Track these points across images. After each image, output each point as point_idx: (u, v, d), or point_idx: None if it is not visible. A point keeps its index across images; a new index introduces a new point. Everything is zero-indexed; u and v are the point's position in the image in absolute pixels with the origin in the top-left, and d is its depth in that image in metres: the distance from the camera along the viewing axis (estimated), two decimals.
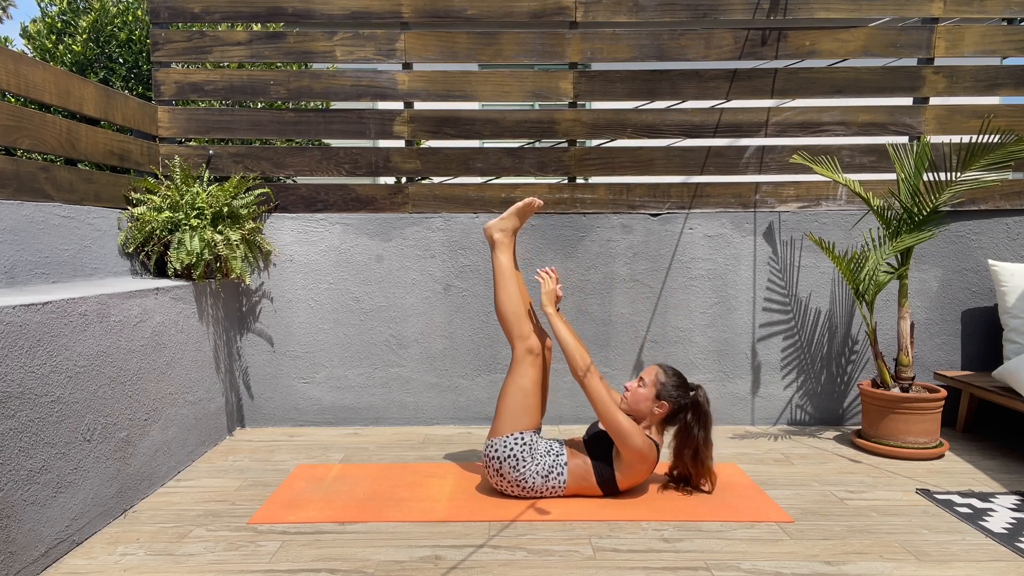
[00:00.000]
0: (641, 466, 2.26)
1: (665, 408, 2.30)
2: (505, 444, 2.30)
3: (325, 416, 3.30)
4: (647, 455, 2.25)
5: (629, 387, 2.37)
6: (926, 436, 2.78)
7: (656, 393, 2.30)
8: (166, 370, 2.54)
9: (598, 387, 2.25)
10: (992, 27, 3.16)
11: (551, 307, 2.38)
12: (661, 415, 2.31)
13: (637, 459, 2.25)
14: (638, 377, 2.37)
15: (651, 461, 2.28)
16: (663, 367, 2.36)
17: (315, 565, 1.89)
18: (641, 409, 2.31)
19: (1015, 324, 3.00)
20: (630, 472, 2.28)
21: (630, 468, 2.27)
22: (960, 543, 2.02)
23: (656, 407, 2.30)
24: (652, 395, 2.30)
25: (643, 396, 2.31)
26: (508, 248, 2.48)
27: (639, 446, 2.22)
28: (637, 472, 2.28)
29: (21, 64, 2.33)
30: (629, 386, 2.37)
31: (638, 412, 2.32)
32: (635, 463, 2.26)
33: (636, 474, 2.29)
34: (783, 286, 3.28)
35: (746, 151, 3.27)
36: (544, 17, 3.20)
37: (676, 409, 2.31)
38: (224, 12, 3.19)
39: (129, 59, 4.49)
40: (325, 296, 3.26)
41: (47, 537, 1.87)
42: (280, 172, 3.33)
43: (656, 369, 2.35)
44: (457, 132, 3.27)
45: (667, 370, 2.35)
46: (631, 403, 2.33)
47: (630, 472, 2.28)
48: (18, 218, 2.25)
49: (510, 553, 1.96)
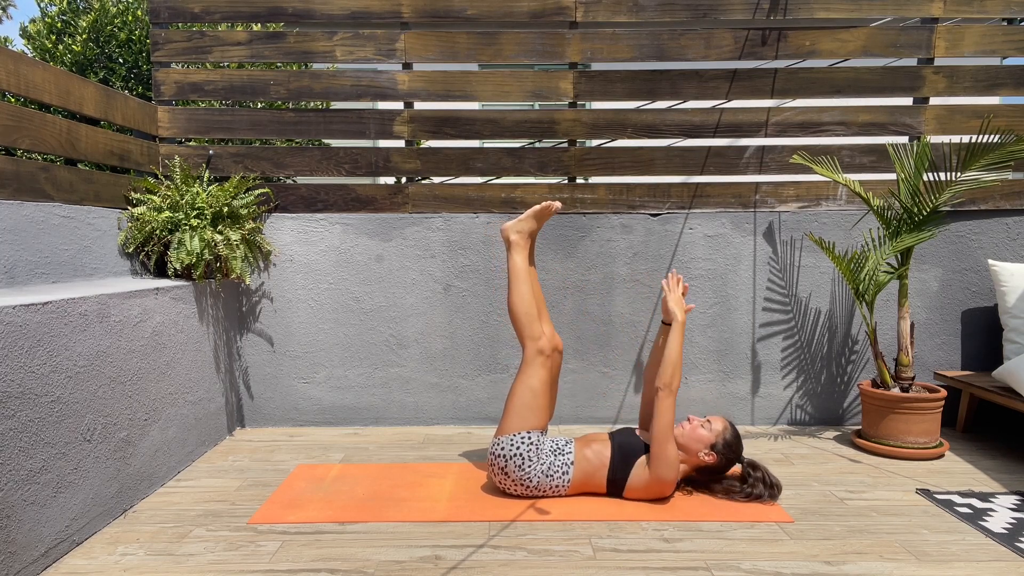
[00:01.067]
0: (656, 490, 2.28)
1: (712, 459, 2.32)
2: (512, 443, 2.31)
3: (325, 416, 3.30)
4: (669, 487, 2.28)
5: (692, 421, 2.37)
6: (926, 436, 2.78)
7: (713, 443, 2.32)
8: (166, 370, 2.54)
9: (671, 407, 2.25)
10: (992, 27, 3.16)
11: (682, 314, 2.37)
12: (705, 464, 2.33)
13: (659, 488, 2.27)
14: (707, 418, 2.38)
15: (668, 493, 2.31)
16: (732, 424, 2.38)
17: (315, 565, 1.89)
18: (691, 448, 2.32)
19: (1015, 324, 3.00)
20: (642, 490, 2.30)
21: (644, 488, 2.29)
22: (960, 543, 2.02)
23: (706, 455, 2.31)
24: (710, 443, 2.32)
25: (702, 438, 2.32)
26: (524, 249, 2.49)
27: (670, 479, 2.25)
28: (648, 493, 2.30)
29: (21, 64, 2.33)
30: (692, 420, 2.37)
31: (686, 447, 2.33)
32: (655, 488, 2.28)
33: (646, 493, 2.30)
34: (783, 286, 3.28)
35: (746, 151, 3.27)
36: (544, 17, 3.20)
37: (718, 467, 2.34)
38: (224, 12, 3.19)
39: (129, 59, 4.49)
40: (325, 296, 3.26)
41: (47, 537, 1.87)
42: (280, 172, 3.33)
43: (725, 422, 2.36)
44: (457, 132, 3.27)
45: (734, 429, 2.37)
46: (687, 436, 2.33)
47: (642, 490, 2.30)
48: (18, 218, 2.25)
49: (510, 553, 1.96)
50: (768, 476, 2.36)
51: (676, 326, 2.34)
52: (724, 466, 2.35)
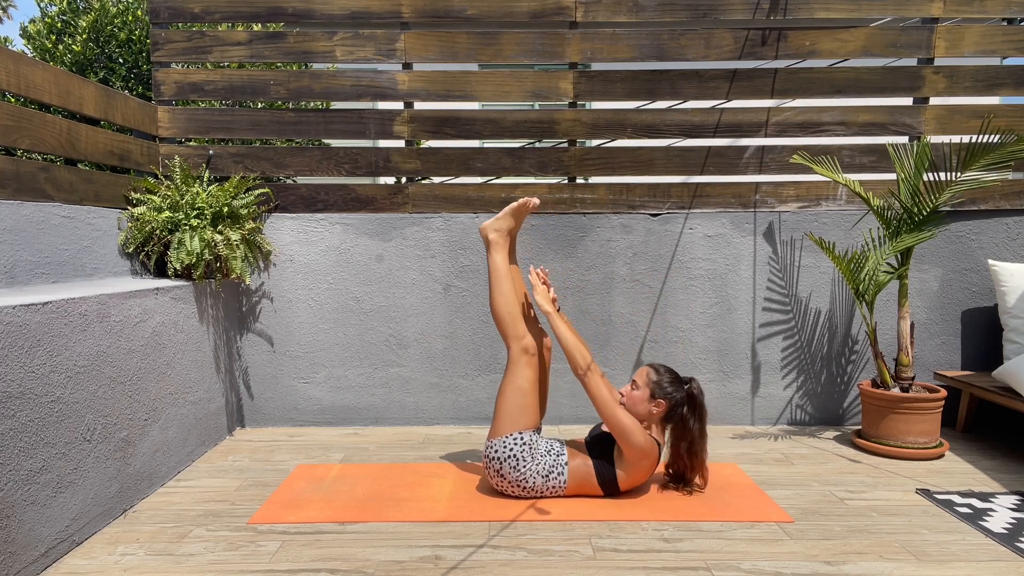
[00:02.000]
0: (644, 462, 2.27)
1: (663, 406, 2.30)
2: (505, 444, 2.30)
3: (325, 416, 3.30)
4: (649, 452, 2.25)
5: (624, 392, 2.37)
6: (926, 436, 2.78)
7: (651, 392, 2.31)
8: (166, 370, 2.54)
9: (599, 385, 2.25)
10: (992, 27, 3.16)
11: (549, 306, 2.37)
12: (660, 414, 2.32)
13: (639, 456, 2.25)
14: (631, 381, 2.38)
15: (653, 459, 2.28)
16: (653, 366, 2.36)
17: (315, 565, 1.89)
18: (639, 411, 2.32)
19: (1015, 324, 3.00)
20: (632, 471, 2.28)
21: (632, 467, 2.27)
22: (960, 543, 2.02)
23: (653, 406, 2.30)
24: (647, 395, 2.31)
25: (639, 398, 2.32)
26: (503, 248, 2.47)
27: (641, 443, 2.23)
28: (639, 470, 2.28)
29: (21, 64, 2.33)
30: (624, 391, 2.37)
31: (637, 414, 2.32)
32: (637, 460, 2.26)
33: (638, 472, 2.29)
34: (783, 286, 3.28)
35: (746, 151, 3.27)
36: (544, 17, 3.20)
37: (673, 404, 2.32)
38: (224, 12, 3.19)
39: (129, 59, 4.49)
40: (325, 296, 3.26)
41: (47, 537, 1.87)
42: (280, 172, 3.33)
43: (647, 369, 2.35)
44: (457, 132, 3.27)
45: (658, 368, 2.35)
46: (628, 407, 2.33)
47: (632, 471, 2.28)
48: (18, 218, 2.25)
49: (510, 553, 1.96)
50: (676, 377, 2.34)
51: (551, 319, 2.33)
52: (678, 400, 2.31)
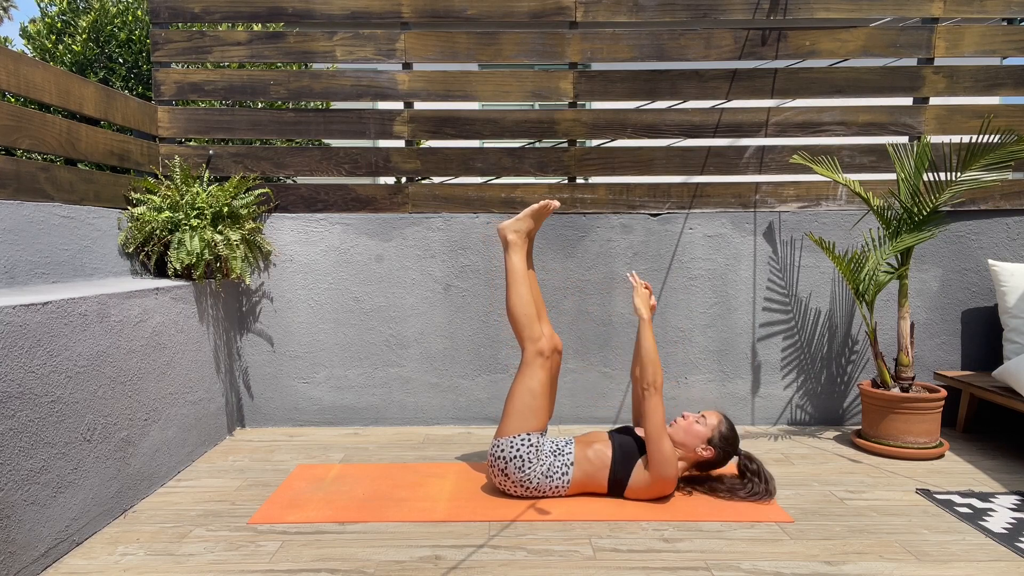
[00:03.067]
0: (657, 489, 2.28)
1: (710, 453, 2.32)
2: (512, 445, 2.31)
3: (325, 416, 3.30)
4: (670, 485, 2.28)
5: (687, 417, 2.37)
6: (926, 436, 2.78)
7: (711, 438, 2.32)
8: (166, 370, 2.54)
9: (660, 405, 2.24)
10: (992, 27, 3.16)
11: (647, 312, 2.37)
12: (703, 459, 2.33)
13: (660, 486, 2.27)
14: (700, 413, 2.39)
15: (669, 491, 2.31)
16: (726, 417, 2.38)
17: (315, 565, 1.89)
18: (688, 443, 2.32)
19: (1015, 324, 3.00)
20: (643, 489, 2.29)
21: (647, 487, 2.28)
22: (960, 543, 2.02)
23: (703, 450, 2.32)
24: (706, 437, 2.32)
25: (698, 434, 2.32)
26: (521, 249, 2.47)
27: (670, 476, 2.25)
28: (651, 492, 2.30)
29: (21, 64, 2.33)
30: (687, 416, 2.37)
31: (683, 444, 2.33)
32: (655, 486, 2.27)
33: (648, 493, 2.30)
34: (783, 286, 3.28)
35: (746, 151, 3.27)
36: (544, 17, 3.20)
37: (717, 460, 2.35)
38: (224, 12, 3.19)
39: (129, 59, 4.49)
40: (325, 296, 3.26)
41: (47, 537, 1.87)
42: (280, 172, 3.33)
43: (720, 417, 2.37)
44: (457, 132, 3.27)
45: (729, 422, 2.38)
46: (682, 432, 2.34)
47: (643, 489, 2.29)
48: (18, 218, 2.25)
49: (510, 553, 1.96)
50: (763, 470, 2.37)
51: (643, 324, 2.34)
52: (722, 459, 2.35)
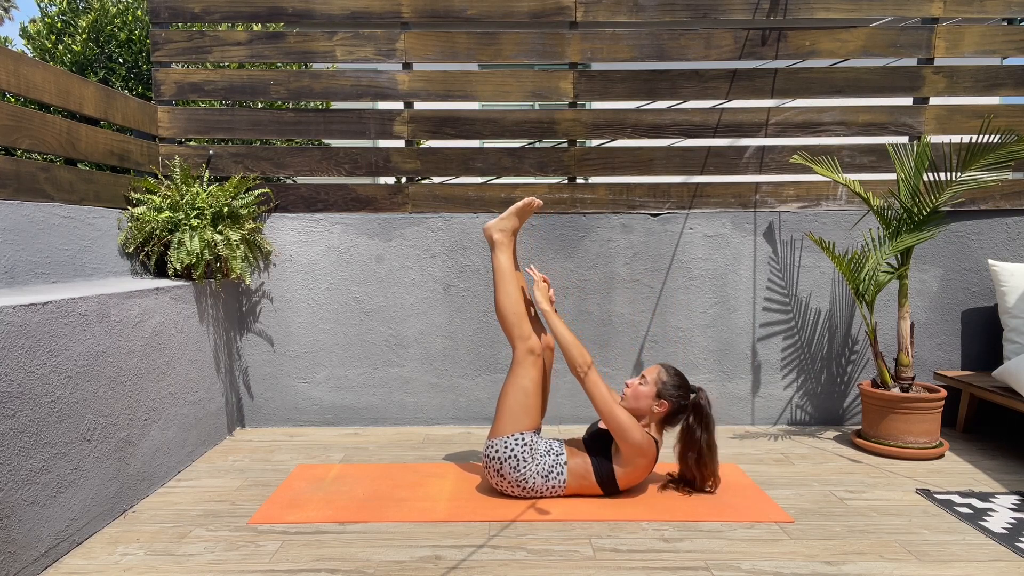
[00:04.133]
0: (640, 460, 2.27)
1: (665, 407, 2.30)
2: (505, 444, 2.30)
3: (325, 416, 3.30)
4: (646, 450, 2.25)
5: (630, 384, 2.37)
6: (926, 436, 2.78)
7: (657, 392, 2.31)
8: (166, 370, 2.54)
9: (597, 383, 2.26)
10: (992, 27, 3.16)
11: (547, 304, 2.38)
12: (661, 414, 2.32)
13: (636, 453, 2.25)
14: (640, 375, 2.38)
15: (650, 456, 2.28)
16: (665, 366, 2.37)
17: (315, 565, 1.89)
18: (641, 407, 2.32)
19: (1015, 324, 3.00)
20: (630, 468, 2.28)
21: (629, 464, 2.27)
22: (960, 543, 2.02)
23: (656, 405, 2.31)
24: (653, 393, 2.31)
25: (644, 393, 2.32)
26: (508, 248, 2.48)
27: (638, 440, 2.23)
28: (637, 468, 2.28)
29: (21, 64, 2.33)
30: (630, 383, 2.38)
31: (638, 410, 2.33)
32: (634, 458, 2.26)
33: (636, 470, 2.29)
34: (783, 286, 3.28)
35: (746, 151, 3.27)
36: (544, 17, 3.20)
37: (676, 409, 2.32)
38: (224, 12, 3.19)
39: (129, 59, 4.49)
40: (325, 296, 3.26)
41: (47, 537, 1.87)
42: (280, 172, 3.33)
43: (658, 368, 2.36)
44: (457, 132, 3.27)
45: (669, 370, 2.36)
46: (631, 400, 2.34)
47: (630, 468, 2.28)
48: (18, 218, 2.25)
49: (510, 553, 1.96)
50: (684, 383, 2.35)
51: (547, 316, 2.35)
52: (680, 404, 2.33)
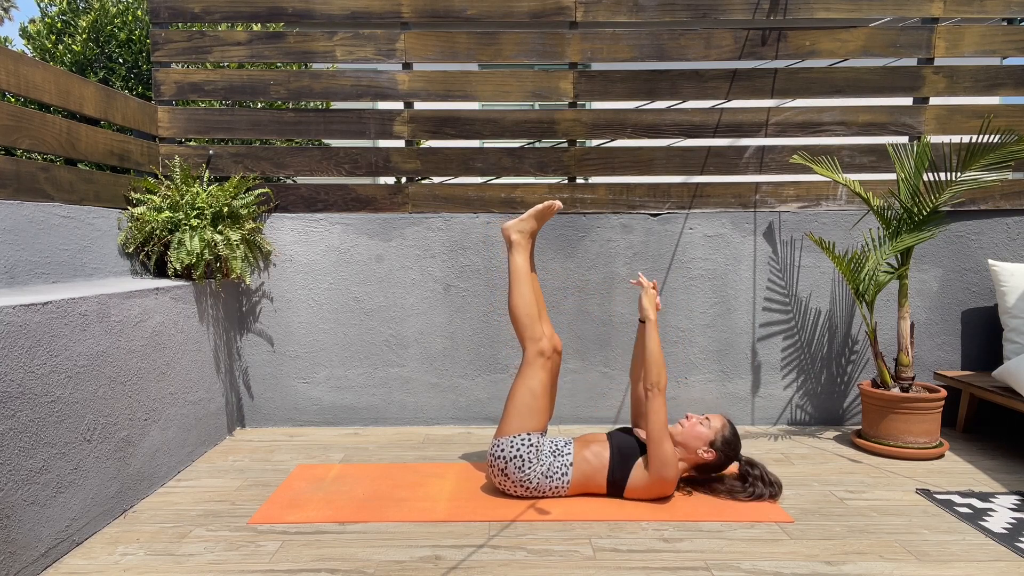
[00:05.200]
0: (657, 489, 2.28)
1: (711, 456, 2.31)
2: (512, 444, 2.31)
3: (325, 416, 3.30)
4: (669, 486, 2.27)
5: (691, 418, 2.37)
6: (926, 436, 2.78)
7: (712, 441, 2.31)
8: (166, 370, 2.54)
9: (663, 406, 2.24)
10: (992, 27, 3.16)
11: (653, 313, 2.36)
12: (704, 461, 2.33)
13: (659, 487, 2.27)
14: (704, 416, 2.38)
15: (669, 492, 2.31)
16: (730, 422, 2.38)
17: (315, 565, 1.89)
18: (690, 445, 2.32)
19: (1015, 324, 3.00)
20: (642, 489, 2.29)
21: (646, 488, 2.28)
22: (960, 543, 2.02)
23: (704, 451, 2.31)
24: (708, 440, 2.32)
25: (700, 435, 2.32)
26: (525, 250, 2.48)
27: (670, 478, 2.25)
28: (649, 492, 2.30)
29: (21, 64, 2.33)
30: (691, 417, 2.37)
31: (684, 444, 2.33)
32: (654, 485, 2.27)
33: (647, 493, 2.30)
34: (783, 286, 3.28)
35: (746, 151, 3.27)
36: (544, 17, 3.20)
37: (717, 464, 2.34)
38: (224, 12, 3.19)
39: (129, 59, 4.49)
40: (325, 296, 3.26)
41: (47, 537, 1.87)
42: (280, 172, 3.33)
43: (723, 420, 2.36)
44: (457, 132, 3.27)
45: (731, 426, 2.37)
46: (686, 434, 2.33)
47: (642, 489, 2.29)
48: (18, 218, 2.25)
49: (510, 553, 1.96)
50: (766, 474, 2.37)
51: (650, 325, 2.33)
52: (723, 463, 2.35)
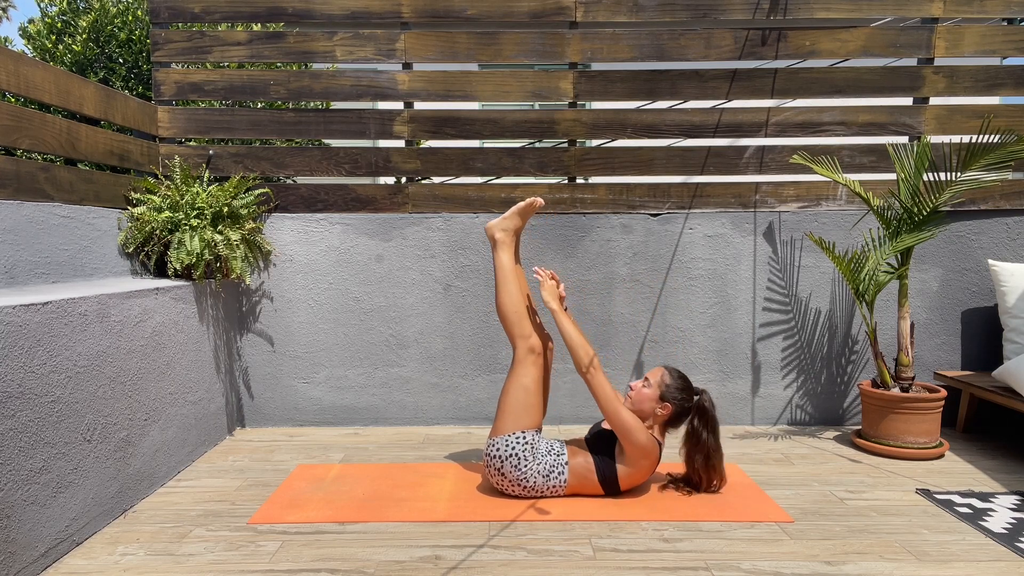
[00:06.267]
0: (644, 462, 2.27)
1: (668, 410, 2.30)
2: (507, 443, 2.31)
3: (325, 416, 3.30)
4: (650, 451, 2.26)
5: (634, 386, 2.37)
6: (926, 436, 2.78)
7: (660, 394, 2.31)
8: (166, 370, 2.54)
9: (603, 382, 2.26)
10: (992, 27, 3.16)
11: (555, 303, 2.37)
12: (664, 416, 2.32)
13: (640, 455, 2.25)
14: (643, 377, 2.38)
15: (653, 458, 2.29)
16: (668, 369, 2.36)
17: (315, 565, 1.89)
18: (644, 409, 2.32)
19: (1015, 324, 3.00)
20: (633, 469, 2.28)
21: (633, 465, 2.27)
22: (960, 543, 2.02)
23: (659, 408, 2.30)
24: (656, 396, 2.31)
25: (647, 396, 2.32)
26: (509, 248, 2.48)
27: (642, 442, 2.23)
28: (640, 469, 2.28)
29: (21, 64, 2.33)
30: (634, 385, 2.37)
31: (641, 412, 2.32)
32: (638, 459, 2.26)
33: (639, 471, 2.29)
34: (783, 286, 3.28)
35: (746, 151, 3.27)
36: (544, 17, 3.20)
37: (679, 412, 2.32)
38: (224, 12, 3.19)
39: (129, 59, 4.49)
40: (325, 296, 3.26)
41: (47, 537, 1.87)
42: (280, 172, 3.33)
43: (661, 371, 2.36)
44: (457, 132, 3.27)
45: (672, 372, 2.36)
46: (635, 402, 2.34)
47: (633, 469, 2.28)
48: (18, 218, 2.25)
49: (510, 553, 1.96)
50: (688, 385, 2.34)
51: (556, 315, 2.35)
52: (683, 407, 2.32)
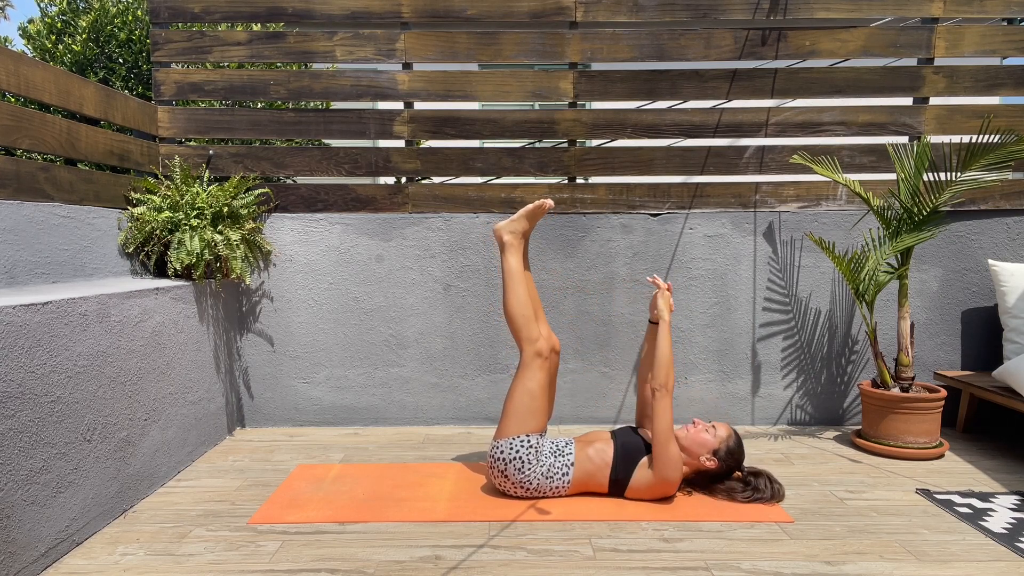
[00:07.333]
0: (659, 490, 2.28)
1: (713, 464, 2.31)
2: (511, 446, 2.31)
3: (325, 416, 3.30)
4: (672, 487, 2.27)
5: (697, 424, 2.37)
6: (926, 436, 2.78)
7: (716, 449, 2.31)
8: (166, 370, 2.54)
9: (670, 406, 2.25)
10: (992, 27, 3.16)
11: (668, 314, 2.38)
12: (704, 468, 2.32)
13: (663, 487, 2.27)
14: (712, 423, 2.38)
15: (671, 493, 2.31)
16: (737, 433, 2.38)
17: (315, 565, 1.89)
18: (694, 450, 2.32)
19: (1015, 324, 3.00)
20: (645, 489, 2.29)
21: (649, 489, 2.28)
22: (960, 543, 2.02)
23: (707, 459, 2.31)
24: (712, 448, 2.31)
25: (706, 442, 2.32)
26: (518, 250, 2.47)
27: (674, 479, 2.25)
28: (652, 493, 2.30)
29: (21, 64, 2.33)
30: (697, 423, 2.37)
31: (687, 450, 2.33)
32: (657, 485, 2.27)
33: (649, 493, 2.30)
34: (783, 286, 3.28)
35: (746, 151, 3.27)
36: (544, 17, 3.20)
37: (719, 473, 2.34)
38: (224, 12, 3.19)
39: (129, 59, 4.49)
40: (325, 296, 3.26)
41: (47, 537, 1.87)
42: (280, 172, 3.33)
43: (730, 431, 2.36)
44: (457, 132, 3.27)
45: (738, 437, 2.37)
46: (690, 439, 2.33)
47: (645, 489, 2.29)
48: (18, 218, 2.25)
49: (510, 553, 1.96)
50: (771, 481, 2.36)
51: (663, 325, 2.34)
52: (724, 473, 2.35)
